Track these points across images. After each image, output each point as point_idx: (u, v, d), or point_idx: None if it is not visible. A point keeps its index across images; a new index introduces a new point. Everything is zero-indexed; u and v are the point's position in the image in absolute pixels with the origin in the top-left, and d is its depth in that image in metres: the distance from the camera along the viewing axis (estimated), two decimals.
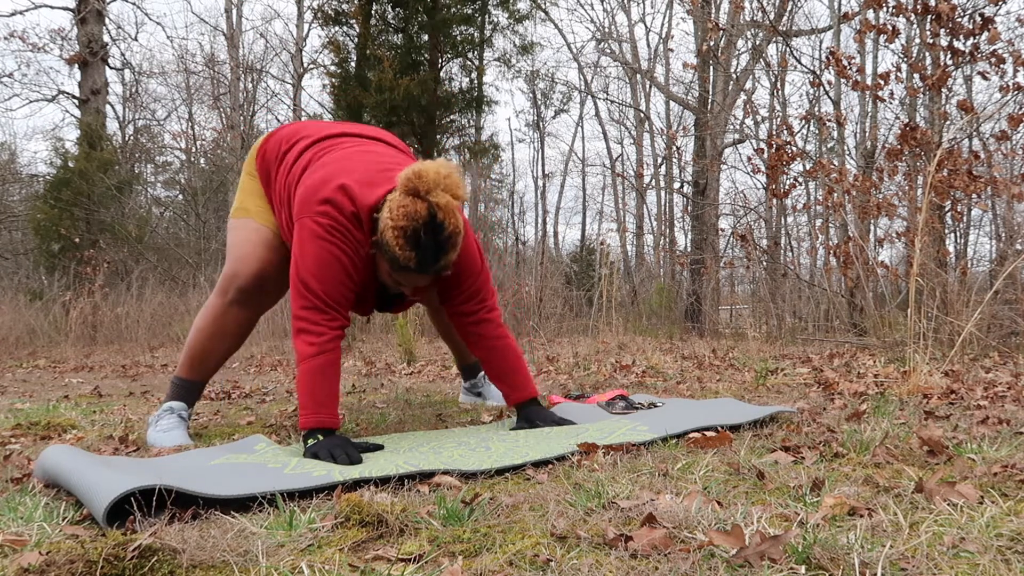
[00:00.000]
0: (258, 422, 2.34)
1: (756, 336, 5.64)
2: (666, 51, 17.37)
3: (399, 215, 1.67)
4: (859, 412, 2.02)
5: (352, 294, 1.85)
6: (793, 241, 10.00)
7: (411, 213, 1.66)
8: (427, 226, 1.67)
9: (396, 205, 1.68)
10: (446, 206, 1.68)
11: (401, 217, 1.67)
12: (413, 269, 1.73)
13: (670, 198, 16.19)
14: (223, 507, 1.24)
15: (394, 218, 1.67)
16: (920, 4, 4.88)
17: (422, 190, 1.67)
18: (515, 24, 9.27)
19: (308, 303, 1.78)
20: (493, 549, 1.01)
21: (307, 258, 1.79)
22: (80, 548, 0.97)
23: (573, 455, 1.58)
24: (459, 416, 2.35)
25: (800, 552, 0.92)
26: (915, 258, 3.06)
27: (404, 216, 1.67)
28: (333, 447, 1.64)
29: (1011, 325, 4.29)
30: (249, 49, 20.39)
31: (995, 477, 1.29)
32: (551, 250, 16.34)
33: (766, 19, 7.79)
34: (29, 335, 8.01)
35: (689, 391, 2.79)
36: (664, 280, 11.28)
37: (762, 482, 1.32)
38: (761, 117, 11.94)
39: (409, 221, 1.66)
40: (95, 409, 2.83)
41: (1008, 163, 5.76)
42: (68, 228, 10.90)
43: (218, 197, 14.64)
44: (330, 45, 8.91)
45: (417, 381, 3.60)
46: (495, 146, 9.97)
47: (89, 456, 1.47)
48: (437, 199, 1.67)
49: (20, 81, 20.83)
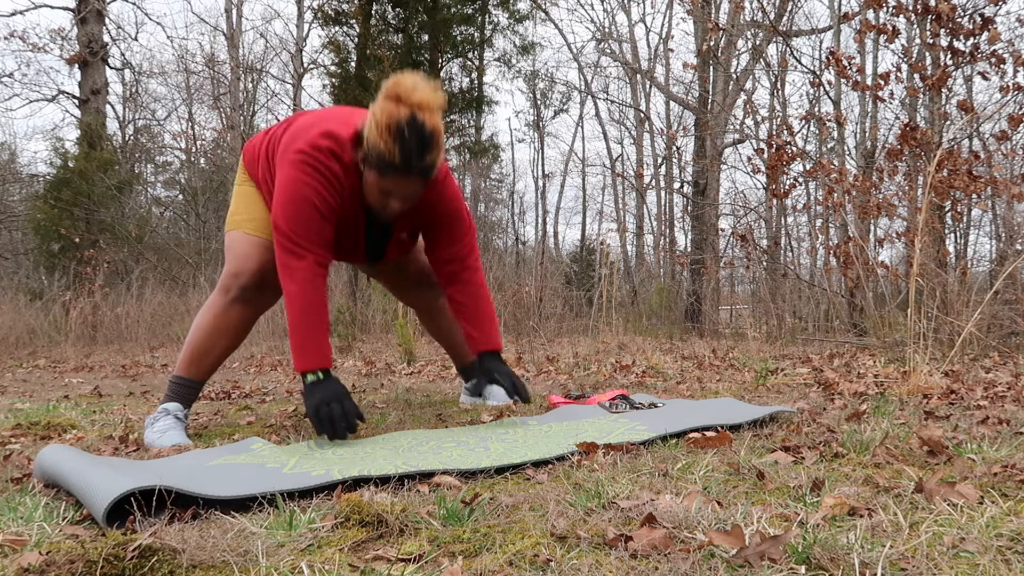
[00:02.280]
0: (258, 422, 2.34)
1: (756, 336, 5.64)
2: (666, 51, 17.37)
3: (383, 117, 1.78)
4: (859, 412, 2.02)
5: (328, 230, 1.92)
6: (793, 241, 10.00)
7: (393, 113, 1.78)
8: (409, 123, 1.78)
9: (378, 109, 1.80)
10: (425, 105, 1.79)
11: (384, 117, 1.78)
12: (399, 166, 1.81)
13: (670, 198, 16.20)
14: (223, 507, 1.24)
15: (378, 121, 1.79)
16: (920, 4, 4.88)
17: (402, 95, 1.78)
18: (515, 24, 9.28)
19: (281, 245, 1.89)
20: (493, 549, 1.01)
21: (280, 199, 1.90)
22: (80, 548, 0.97)
23: (573, 455, 1.58)
24: (459, 416, 2.35)
25: (800, 552, 0.92)
26: (915, 258, 3.06)
27: (387, 116, 1.78)
28: (331, 397, 1.80)
29: (1011, 325, 4.29)
30: (249, 49, 20.39)
31: (995, 477, 1.29)
32: (551, 250, 16.34)
33: (766, 19, 7.79)
34: (29, 335, 8.01)
35: (689, 391, 2.78)
36: (664, 280, 11.28)
37: (762, 482, 1.31)
38: (761, 117, 11.94)
39: (391, 119, 1.78)
40: (95, 409, 2.83)
41: (1008, 163, 5.76)
42: (68, 228, 10.90)
43: (218, 197, 14.63)
44: (330, 45, 8.91)
45: (417, 381, 3.60)
46: (495, 146, 9.98)
47: (89, 456, 1.47)
48: (416, 100, 1.79)
49: (20, 81, 20.88)
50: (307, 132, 1.93)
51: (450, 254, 2.16)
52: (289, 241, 1.87)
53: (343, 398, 1.83)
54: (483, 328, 2.16)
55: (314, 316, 1.87)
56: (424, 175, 1.87)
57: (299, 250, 1.87)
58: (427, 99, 1.80)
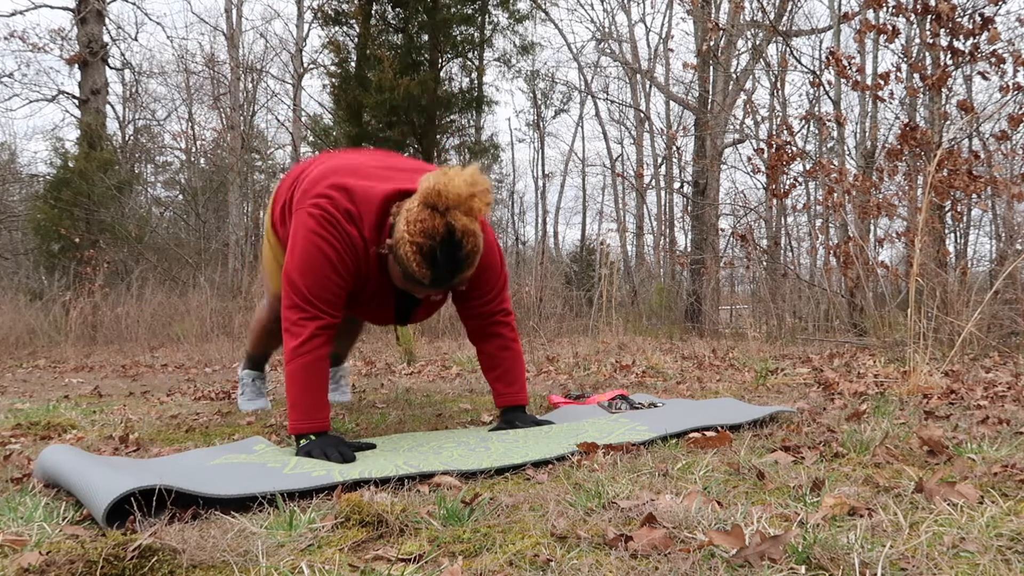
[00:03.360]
0: (258, 422, 2.35)
1: (756, 336, 5.64)
2: (666, 51, 17.37)
3: (416, 230, 1.60)
4: (859, 412, 2.02)
5: (342, 291, 1.79)
6: (793, 241, 10.00)
7: (428, 230, 1.59)
8: (444, 244, 1.60)
9: (414, 218, 1.61)
10: (466, 226, 1.61)
11: (418, 233, 1.60)
12: (427, 285, 1.69)
13: (670, 198, 16.20)
14: (223, 507, 1.24)
15: (411, 232, 1.61)
16: (920, 4, 4.87)
17: (441, 206, 1.60)
18: (515, 24, 9.27)
19: (290, 301, 1.76)
20: (493, 549, 1.01)
21: (294, 253, 1.77)
22: (80, 548, 0.97)
23: (573, 455, 1.58)
24: (459, 416, 2.35)
25: (800, 552, 0.92)
26: (915, 258, 3.06)
27: (421, 232, 1.60)
28: (326, 446, 1.64)
29: (1011, 325, 4.29)
30: (249, 49, 20.39)
31: (995, 477, 1.29)
32: (551, 250, 16.34)
33: (766, 19, 7.78)
34: (29, 335, 8.01)
35: (689, 391, 2.78)
36: (664, 280, 11.28)
37: (762, 482, 1.31)
38: (761, 117, 11.94)
39: (426, 238, 1.60)
40: (95, 409, 2.83)
41: (1008, 163, 5.76)
42: (68, 228, 10.90)
43: (218, 197, 14.64)
44: (330, 45, 8.91)
45: (417, 381, 3.60)
46: (495, 146, 9.97)
47: (89, 456, 1.47)
48: (457, 218, 1.60)
49: (20, 81, 20.86)
50: (324, 181, 1.80)
51: (481, 307, 1.99)
52: (301, 299, 1.74)
53: (339, 444, 1.67)
54: (511, 383, 2.02)
55: (315, 380, 1.73)
56: (452, 289, 1.77)
57: (311, 310, 1.74)
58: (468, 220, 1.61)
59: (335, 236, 1.75)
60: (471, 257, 1.66)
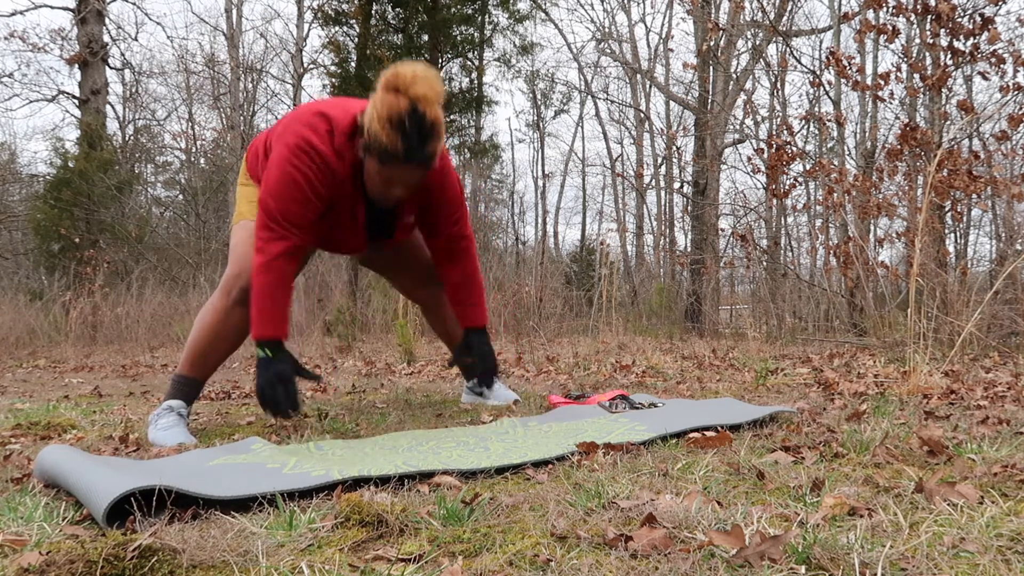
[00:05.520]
0: (258, 422, 2.34)
1: (756, 336, 5.64)
2: (666, 51, 17.38)
3: (383, 108, 1.82)
4: (859, 412, 2.02)
5: (312, 214, 1.97)
6: (793, 241, 10.00)
7: (393, 105, 1.81)
8: (411, 114, 1.81)
9: (379, 100, 1.83)
10: (425, 98, 1.82)
11: (385, 110, 1.82)
12: (401, 157, 1.86)
13: (670, 198, 16.20)
14: (223, 507, 1.24)
15: (379, 112, 1.82)
16: (920, 4, 4.88)
17: (401, 86, 1.81)
18: (515, 24, 9.27)
19: (262, 222, 1.95)
20: (493, 549, 1.01)
21: (270, 178, 1.95)
22: (80, 548, 0.97)
23: (573, 455, 1.58)
24: (459, 416, 2.35)
25: (800, 552, 0.92)
26: (915, 258, 3.06)
27: (387, 108, 1.81)
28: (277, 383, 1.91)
29: (1011, 325, 4.29)
30: (249, 49, 20.41)
31: (995, 477, 1.29)
32: (551, 250, 16.35)
33: (766, 19, 7.78)
34: (29, 335, 8.01)
35: (689, 391, 2.78)
36: (664, 280, 11.29)
37: (762, 482, 1.31)
38: (761, 117, 11.94)
39: (392, 111, 1.81)
40: (95, 409, 2.83)
41: (1008, 163, 5.76)
42: (68, 228, 10.90)
43: (218, 197, 14.63)
44: (330, 45, 8.91)
45: (417, 381, 3.60)
46: (495, 146, 9.98)
47: (89, 456, 1.47)
48: (416, 91, 1.82)
49: (20, 81, 20.85)
50: (302, 116, 1.99)
51: (447, 227, 2.26)
52: (272, 220, 1.93)
53: (287, 381, 1.93)
54: (474, 303, 2.33)
55: (278, 290, 1.94)
56: (426, 164, 1.92)
57: (280, 230, 1.93)
58: (427, 91, 1.83)
59: (309, 163, 1.93)
60: (436, 126, 1.87)
